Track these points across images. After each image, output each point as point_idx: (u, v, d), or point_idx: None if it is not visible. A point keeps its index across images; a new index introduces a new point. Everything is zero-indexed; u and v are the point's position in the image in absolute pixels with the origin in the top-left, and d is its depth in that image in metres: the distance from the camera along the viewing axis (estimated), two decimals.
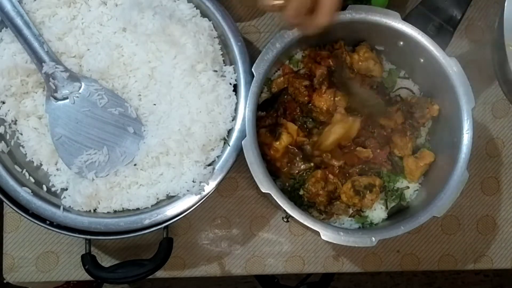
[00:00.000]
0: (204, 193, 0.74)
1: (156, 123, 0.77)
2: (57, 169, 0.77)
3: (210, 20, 0.80)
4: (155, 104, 0.77)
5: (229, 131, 0.77)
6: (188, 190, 0.74)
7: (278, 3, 0.64)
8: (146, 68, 0.77)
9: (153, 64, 0.77)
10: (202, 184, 0.74)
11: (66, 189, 0.76)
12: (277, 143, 0.77)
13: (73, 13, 0.77)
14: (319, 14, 0.65)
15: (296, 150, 0.79)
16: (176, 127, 0.74)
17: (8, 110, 0.76)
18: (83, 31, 0.77)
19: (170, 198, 0.76)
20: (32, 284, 0.87)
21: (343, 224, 0.81)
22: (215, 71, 0.78)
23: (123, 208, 0.76)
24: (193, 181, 0.74)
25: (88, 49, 0.77)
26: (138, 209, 0.76)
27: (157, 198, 0.76)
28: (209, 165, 0.76)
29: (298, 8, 0.64)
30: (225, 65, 0.80)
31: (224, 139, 0.76)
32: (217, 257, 0.88)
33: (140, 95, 0.77)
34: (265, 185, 0.70)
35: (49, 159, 0.77)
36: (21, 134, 0.77)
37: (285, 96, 0.82)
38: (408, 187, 0.82)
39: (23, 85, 0.76)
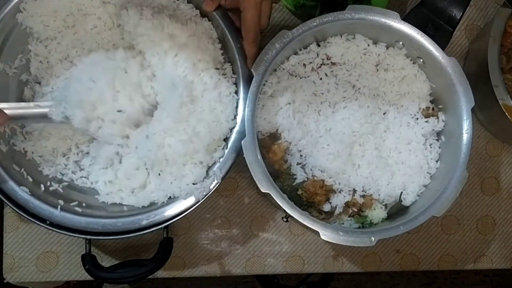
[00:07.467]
0: (202, 195, 0.74)
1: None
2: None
3: (209, 21, 0.79)
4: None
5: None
6: (187, 193, 0.74)
7: None
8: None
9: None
10: (202, 186, 0.74)
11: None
12: (276, 146, 0.77)
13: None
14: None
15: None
16: (181, 127, 0.73)
17: None
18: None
19: (169, 199, 0.75)
20: (32, 284, 0.87)
21: (343, 224, 0.81)
22: (217, 68, 0.77)
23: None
24: (194, 184, 0.74)
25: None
26: (137, 208, 0.76)
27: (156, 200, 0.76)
28: (209, 167, 0.76)
29: None
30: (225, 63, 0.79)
31: (226, 138, 0.76)
32: (217, 257, 0.88)
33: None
34: (265, 185, 0.70)
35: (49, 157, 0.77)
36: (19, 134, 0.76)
37: None
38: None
39: None
